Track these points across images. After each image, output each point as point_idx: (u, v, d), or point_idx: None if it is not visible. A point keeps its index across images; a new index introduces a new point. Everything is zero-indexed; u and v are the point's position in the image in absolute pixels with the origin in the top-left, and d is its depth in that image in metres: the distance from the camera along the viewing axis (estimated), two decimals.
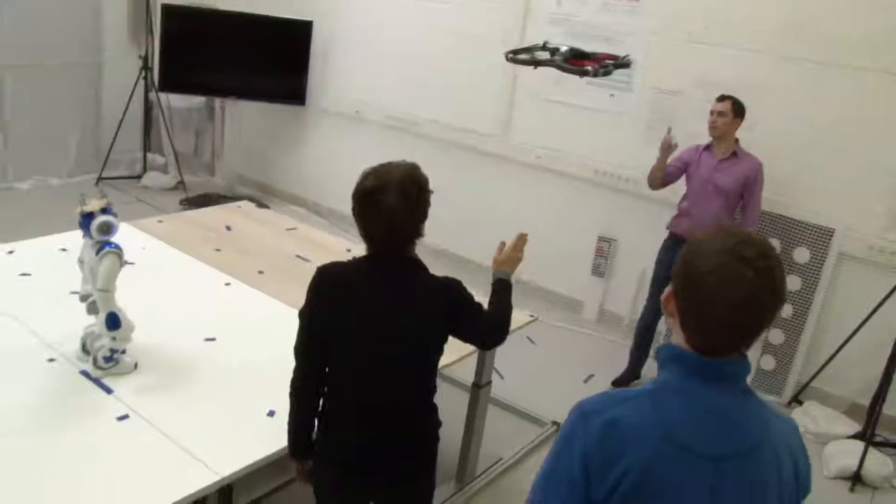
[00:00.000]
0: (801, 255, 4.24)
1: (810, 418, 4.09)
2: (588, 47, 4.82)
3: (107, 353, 2.23)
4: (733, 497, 1.22)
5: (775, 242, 4.31)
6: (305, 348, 1.97)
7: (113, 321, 2.22)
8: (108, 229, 2.22)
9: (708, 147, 4.09)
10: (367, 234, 1.94)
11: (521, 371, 4.11)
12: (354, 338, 1.91)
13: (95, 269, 2.24)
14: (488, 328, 2.11)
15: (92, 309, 2.30)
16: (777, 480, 1.25)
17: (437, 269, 2.10)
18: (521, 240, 2.50)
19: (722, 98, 4.01)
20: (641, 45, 4.68)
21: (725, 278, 1.19)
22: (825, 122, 4.12)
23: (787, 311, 4.32)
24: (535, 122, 5.24)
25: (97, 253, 2.23)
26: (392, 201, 1.87)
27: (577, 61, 3.64)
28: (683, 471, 1.21)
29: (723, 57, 4.39)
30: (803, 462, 1.31)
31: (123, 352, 2.29)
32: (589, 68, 3.50)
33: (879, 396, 3.83)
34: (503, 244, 2.48)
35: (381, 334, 1.90)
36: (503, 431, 3.65)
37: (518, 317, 3.09)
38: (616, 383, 4.26)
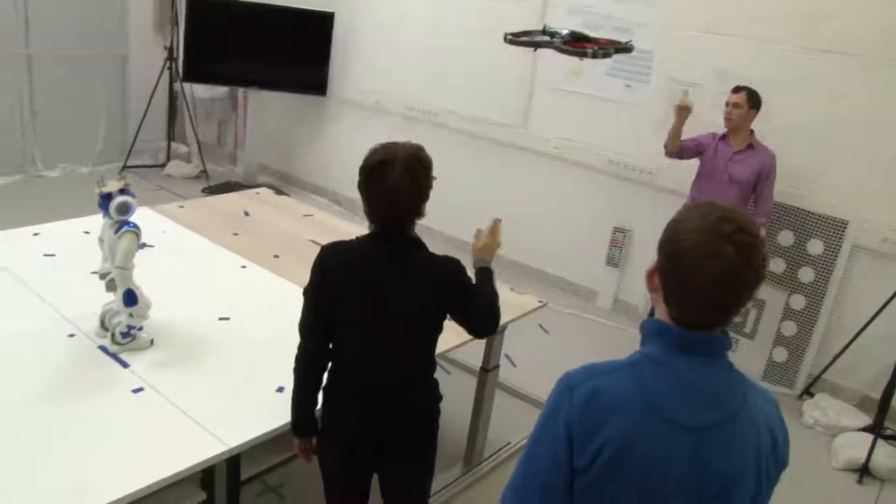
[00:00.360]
0: (815, 246, 4.25)
1: (821, 410, 4.10)
2: (601, 35, 4.89)
3: (124, 329, 2.31)
4: (712, 466, 1.25)
5: (788, 234, 4.32)
6: (309, 325, 2.02)
7: (130, 298, 2.31)
8: (126, 209, 2.30)
9: (724, 137, 4.11)
10: (371, 210, 2.00)
11: (533, 359, 4.16)
12: (356, 315, 1.97)
13: (114, 247, 2.32)
14: (482, 316, 2.12)
15: (111, 286, 2.38)
16: (755, 452, 1.28)
17: (463, 262, 2.15)
18: (497, 225, 2.52)
19: (737, 89, 4.03)
20: (658, 36, 4.70)
21: (705, 254, 1.23)
22: (841, 114, 4.12)
23: (799, 302, 4.33)
24: (553, 113, 5.27)
25: (116, 232, 2.32)
26: (397, 177, 1.92)
27: (576, 44, 3.67)
28: (663, 440, 1.25)
29: (739, 48, 4.39)
30: (781, 435, 1.34)
31: (140, 328, 2.37)
32: (588, 50, 3.54)
33: (890, 389, 3.83)
34: (479, 231, 2.49)
35: (382, 311, 1.95)
36: (513, 418, 3.69)
37: (527, 302, 3.16)
38: None
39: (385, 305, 1.95)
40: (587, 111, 5.09)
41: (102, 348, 2.33)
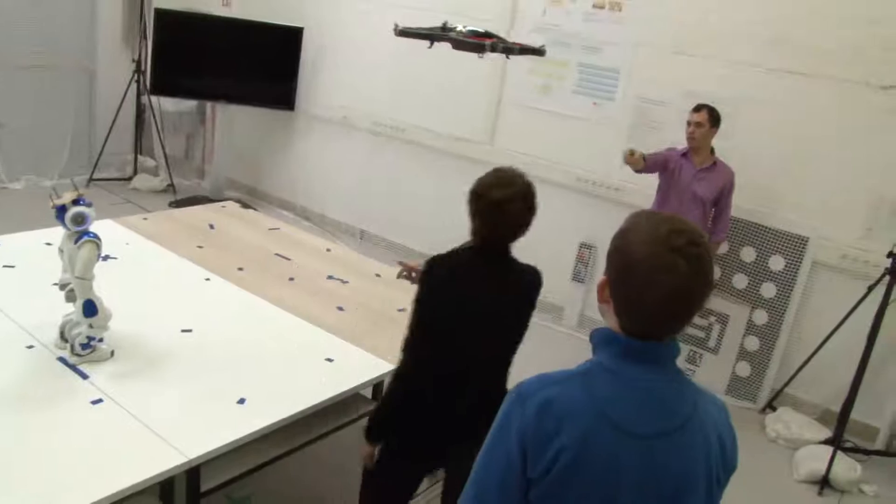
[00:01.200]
0: (776, 262, 4.32)
1: (783, 424, 4.15)
2: (573, 57, 4.95)
3: (84, 341, 2.29)
4: (663, 473, 1.27)
5: (751, 250, 4.39)
6: (419, 338, 2.08)
7: (90, 308, 2.28)
8: (81, 220, 2.28)
9: (685, 155, 4.17)
10: (484, 234, 2.13)
11: None
12: (461, 325, 2.06)
13: (74, 257, 2.30)
14: None
15: (70, 297, 2.35)
16: (705, 457, 1.30)
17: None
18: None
19: (698, 108, 4.11)
20: (626, 55, 4.77)
21: (658, 268, 1.23)
22: (803, 132, 4.20)
23: (762, 318, 4.40)
24: (520, 130, 5.32)
25: (75, 242, 2.29)
26: (518, 211, 2.12)
27: (474, 38, 3.69)
28: (615, 448, 1.25)
29: (706, 67, 4.47)
30: (730, 440, 1.36)
31: (100, 340, 2.34)
32: (486, 44, 3.56)
33: (850, 403, 3.89)
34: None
35: (485, 322, 2.07)
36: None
37: None
38: None
39: (488, 316, 2.07)
40: (554, 128, 5.14)
41: (62, 359, 2.30)
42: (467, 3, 5.28)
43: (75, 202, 2.29)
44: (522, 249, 4.84)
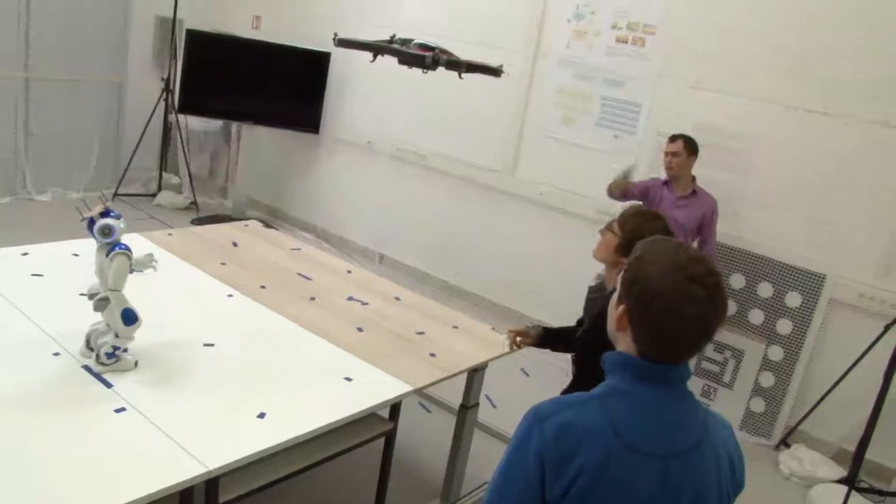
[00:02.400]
0: (793, 299, 4.32)
1: (797, 461, 4.13)
2: (596, 90, 5.01)
3: (109, 350, 2.33)
4: (678, 492, 1.30)
5: (767, 286, 4.40)
6: None
7: (128, 317, 2.33)
8: (109, 231, 2.32)
9: (666, 183, 4.25)
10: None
11: (513, 401, 4.18)
12: None
13: (105, 269, 2.35)
14: None
15: (98, 307, 2.40)
16: (716, 477, 1.34)
17: (446, 303, 2.21)
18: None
19: (674, 138, 4.21)
20: (647, 89, 4.82)
21: (679, 298, 1.28)
22: (821, 169, 4.23)
23: (777, 354, 4.39)
24: (542, 160, 5.37)
25: (107, 255, 2.35)
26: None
27: (422, 50, 3.71)
28: (632, 469, 1.29)
29: (724, 103, 4.52)
30: (738, 460, 1.41)
31: (125, 350, 2.39)
32: (426, 56, 3.56)
33: (865, 442, 3.87)
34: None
35: None
36: (492, 458, 3.68)
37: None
38: None
39: None
40: (576, 159, 5.19)
41: (87, 368, 2.34)
42: (492, 35, 5.38)
43: (103, 214, 2.34)
44: (540, 278, 4.85)
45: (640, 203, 4.26)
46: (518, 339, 2.98)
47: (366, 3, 6.15)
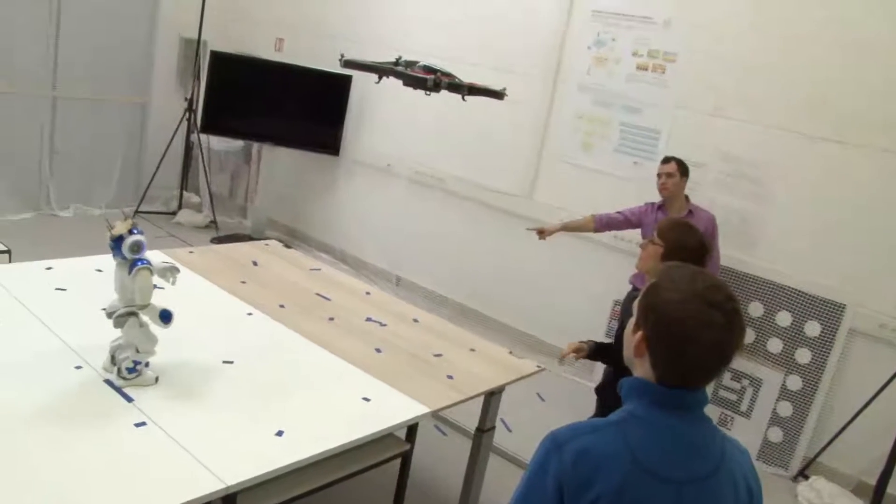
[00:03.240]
0: (812, 328, 4.29)
1: (816, 493, 4.08)
2: (615, 116, 5.03)
3: (129, 365, 2.35)
4: None
5: (786, 315, 4.37)
6: None
7: (165, 316, 2.38)
8: (138, 248, 2.36)
9: (661, 207, 4.29)
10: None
11: (528, 425, 4.17)
12: None
13: (127, 286, 2.37)
14: None
15: (118, 323, 2.42)
16: (733, 501, 1.33)
17: (463, 326, 2.21)
18: None
19: (667, 160, 4.29)
20: (667, 116, 4.83)
21: (699, 324, 1.29)
22: (841, 198, 4.22)
23: (796, 383, 4.36)
24: (560, 185, 5.39)
25: (129, 272, 2.37)
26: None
27: (417, 71, 3.77)
28: (650, 494, 1.29)
29: (743, 131, 4.52)
30: (756, 487, 1.41)
31: (146, 365, 2.41)
32: (428, 79, 3.62)
33: (886, 476, 3.83)
34: None
35: None
36: (507, 483, 3.68)
37: (525, 366, 3.20)
38: None
39: None
40: (594, 185, 5.19)
41: (108, 382, 2.37)
42: (513, 60, 5.42)
43: (130, 231, 2.37)
44: (557, 303, 4.83)
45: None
46: (573, 354, 3.24)
47: (387, 28, 6.21)
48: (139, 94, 6.90)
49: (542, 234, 4.59)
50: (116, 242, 2.37)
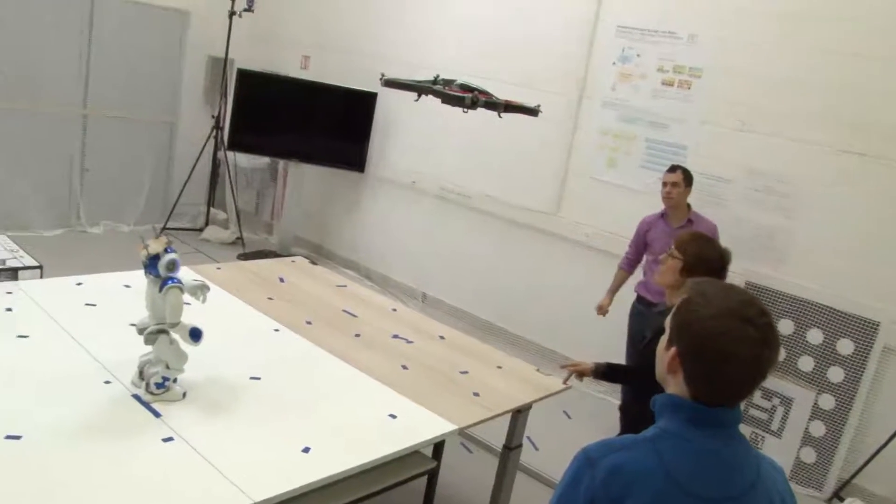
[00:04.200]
0: (845, 346, 4.22)
1: None
2: (640, 132, 5.00)
3: (158, 380, 2.36)
4: None
5: (818, 333, 4.30)
6: None
7: (195, 334, 2.39)
8: (174, 267, 2.39)
9: (662, 216, 4.36)
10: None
11: (555, 443, 4.12)
12: None
13: (158, 303, 2.39)
14: None
15: (149, 340, 2.43)
16: None
17: (489, 343, 2.19)
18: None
19: (673, 169, 4.30)
20: (693, 132, 4.80)
21: (734, 340, 1.28)
22: (872, 213, 4.15)
23: (829, 403, 4.28)
24: (586, 201, 5.36)
25: (160, 290, 2.39)
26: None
27: (454, 90, 3.81)
28: None
29: (772, 146, 4.47)
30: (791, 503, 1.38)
31: (175, 381, 2.42)
32: (466, 97, 3.66)
33: None
34: None
35: None
36: (534, 501, 3.65)
37: (551, 383, 3.17)
38: None
39: None
40: (620, 201, 5.16)
41: (136, 397, 2.38)
42: (537, 77, 5.42)
43: (166, 250, 2.39)
44: (584, 320, 4.78)
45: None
46: (575, 373, 3.11)
47: (413, 46, 6.24)
48: (167, 113, 6.99)
49: (601, 309, 4.65)
50: (152, 261, 2.39)
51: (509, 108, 4.07)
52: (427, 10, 6.21)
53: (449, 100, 3.94)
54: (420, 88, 4.06)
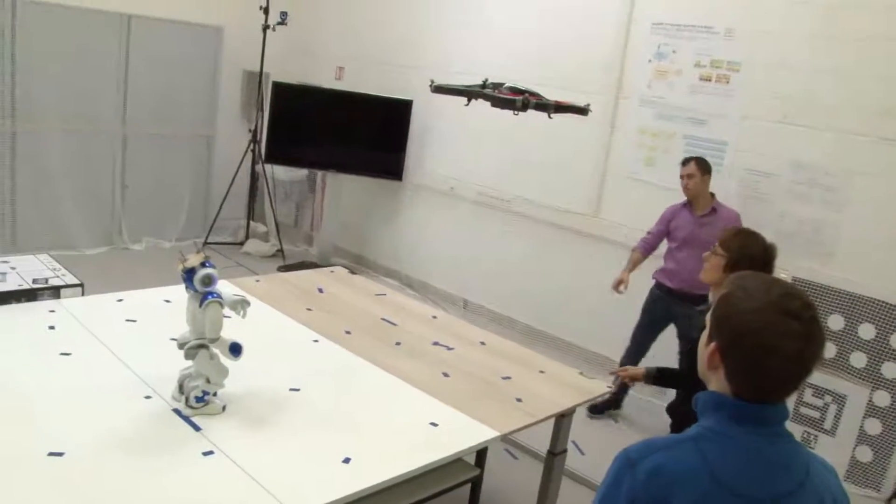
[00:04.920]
0: None
1: None
2: (679, 129, 4.92)
3: (199, 394, 2.36)
4: None
5: (869, 327, 4.18)
6: None
7: (235, 349, 2.40)
8: (210, 281, 2.38)
9: (686, 205, 4.41)
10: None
11: (601, 447, 4.07)
12: None
13: (198, 318, 2.40)
14: None
15: (189, 355, 2.44)
16: None
17: (531, 348, 2.15)
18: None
19: (686, 161, 4.36)
20: (733, 127, 4.70)
21: (777, 334, 1.23)
22: None
23: (884, 399, 4.15)
24: (625, 202, 5.29)
25: (200, 305, 2.39)
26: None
27: (504, 92, 3.80)
28: None
29: (815, 138, 4.36)
30: None
31: (215, 394, 2.42)
32: (517, 100, 3.65)
33: None
34: None
35: None
36: None
37: (596, 387, 3.12)
38: (592, 409, 4.62)
39: None
40: (660, 200, 5.06)
41: (176, 411, 2.38)
42: (575, 78, 5.36)
43: (203, 264, 2.40)
44: (629, 322, 4.71)
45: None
46: (626, 378, 3.15)
47: (446, 51, 6.24)
48: (205, 128, 7.06)
49: (619, 285, 4.62)
50: (188, 274, 2.39)
51: (559, 108, 4.09)
52: (461, 18, 6.20)
53: (499, 103, 3.96)
54: (470, 93, 4.08)
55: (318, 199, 7.36)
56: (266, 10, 6.69)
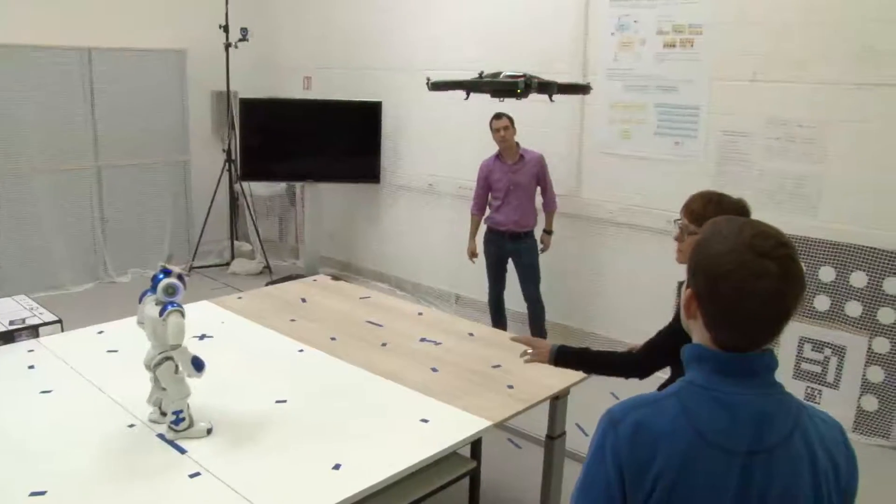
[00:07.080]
0: (892, 285, 4.05)
1: None
2: (649, 99, 4.88)
3: (172, 418, 2.31)
4: (765, 491, 1.19)
5: (860, 275, 4.14)
6: None
7: (198, 364, 2.33)
8: (173, 291, 2.32)
9: (497, 157, 5.03)
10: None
11: None
12: None
13: (159, 330, 2.33)
14: None
15: (157, 370, 2.38)
16: (811, 475, 1.21)
17: (524, 333, 2.09)
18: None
19: (499, 116, 4.91)
20: (703, 90, 4.66)
21: (750, 275, 1.18)
22: None
23: (883, 346, 4.11)
24: (605, 178, 5.24)
25: (161, 314, 2.32)
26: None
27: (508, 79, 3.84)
28: (715, 468, 1.19)
29: (788, 93, 4.32)
30: (844, 461, 1.26)
31: (188, 408, 2.35)
32: (518, 81, 3.70)
33: None
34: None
35: None
36: None
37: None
38: None
39: None
40: (639, 172, 5.04)
41: (160, 436, 2.34)
42: (540, 59, 5.30)
43: (179, 277, 2.35)
44: (619, 297, 4.66)
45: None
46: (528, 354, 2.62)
47: (414, 50, 6.19)
48: (179, 153, 7.00)
49: (473, 256, 5.27)
50: (160, 274, 2.33)
51: (562, 88, 4.16)
52: (422, 12, 6.15)
53: (500, 90, 3.99)
54: (469, 85, 4.09)
55: (300, 210, 7.31)
56: (226, 28, 6.63)
